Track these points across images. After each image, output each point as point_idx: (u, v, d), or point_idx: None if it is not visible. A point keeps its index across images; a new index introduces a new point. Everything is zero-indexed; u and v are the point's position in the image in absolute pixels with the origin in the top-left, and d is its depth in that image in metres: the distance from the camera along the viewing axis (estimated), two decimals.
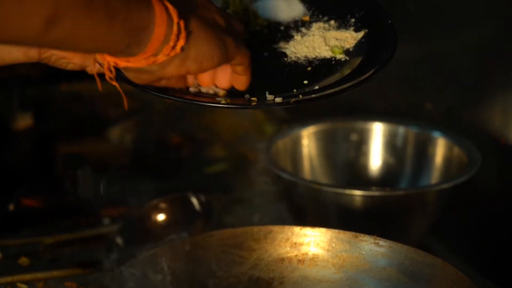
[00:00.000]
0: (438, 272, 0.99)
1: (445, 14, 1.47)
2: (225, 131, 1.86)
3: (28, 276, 1.28)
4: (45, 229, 1.42)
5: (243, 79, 0.93)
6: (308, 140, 1.51)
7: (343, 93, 0.92)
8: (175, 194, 1.37)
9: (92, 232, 1.41)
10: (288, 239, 1.07)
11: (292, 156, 1.49)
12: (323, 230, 1.07)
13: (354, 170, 1.52)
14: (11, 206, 1.50)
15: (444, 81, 1.51)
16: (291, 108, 1.64)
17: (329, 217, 1.32)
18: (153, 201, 1.36)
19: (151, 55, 0.83)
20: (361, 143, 1.52)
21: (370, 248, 1.04)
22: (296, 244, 1.07)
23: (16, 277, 1.27)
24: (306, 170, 1.50)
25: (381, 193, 1.30)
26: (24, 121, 1.79)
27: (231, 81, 0.93)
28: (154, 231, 1.33)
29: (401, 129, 1.51)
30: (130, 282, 0.98)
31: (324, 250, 1.06)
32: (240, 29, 0.93)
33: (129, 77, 0.89)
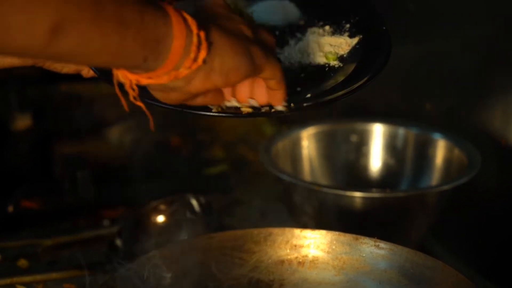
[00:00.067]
0: (439, 275, 0.99)
1: (445, 14, 1.46)
2: (225, 132, 1.86)
3: (27, 278, 1.28)
4: (44, 231, 1.42)
5: (279, 94, 0.87)
6: (308, 141, 1.50)
7: (336, 102, 0.91)
8: (175, 196, 1.37)
9: (92, 234, 1.41)
10: (288, 241, 1.07)
11: (292, 157, 1.48)
12: (323, 232, 1.06)
13: (354, 172, 1.52)
14: (10, 208, 1.50)
15: (444, 82, 1.50)
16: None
17: (329, 219, 1.32)
18: (153, 203, 1.35)
19: (172, 69, 0.79)
20: (361, 144, 1.52)
21: (371, 250, 1.04)
22: (296, 246, 1.07)
23: (15, 279, 1.27)
24: (306, 171, 1.50)
25: (381, 195, 1.30)
26: (23, 122, 1.79)
27: (268, 97, 0.88)
28: (154, 233, 1.33)
29: (401, 130, 1.50)
30: (130, 284, 0.98)
31: (324, 252, 1.06)
32: (270, 40, 0.88)
33: (158, 97, 0.84)
